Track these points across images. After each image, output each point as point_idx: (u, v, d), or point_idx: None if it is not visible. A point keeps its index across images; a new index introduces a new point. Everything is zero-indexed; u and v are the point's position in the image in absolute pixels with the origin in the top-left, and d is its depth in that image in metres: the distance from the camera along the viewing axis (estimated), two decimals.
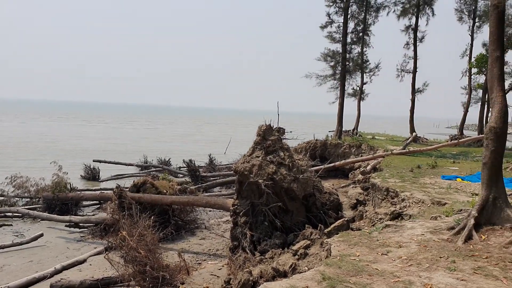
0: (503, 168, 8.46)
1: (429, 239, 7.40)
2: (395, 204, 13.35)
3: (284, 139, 13.12)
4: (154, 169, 28.97)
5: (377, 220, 13.02)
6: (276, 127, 12.72)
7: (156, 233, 11.47)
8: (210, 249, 13.92)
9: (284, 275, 8.84)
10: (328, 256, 7.11)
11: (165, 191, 16.03)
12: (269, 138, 12.14)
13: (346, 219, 11.47)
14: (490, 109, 7.86)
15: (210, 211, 18.65)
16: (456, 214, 9.07)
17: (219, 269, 11.81)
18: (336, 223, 10.92)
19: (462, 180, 15.19)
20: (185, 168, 26.80)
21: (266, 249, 10.69)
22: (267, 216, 11.39)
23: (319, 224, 11.07)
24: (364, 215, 14.17)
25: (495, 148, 7.44)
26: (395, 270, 5.99)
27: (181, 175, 26.99)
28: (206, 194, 20.94)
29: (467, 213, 7.81)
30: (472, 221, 7.30)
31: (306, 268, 8.48)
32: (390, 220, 12.48)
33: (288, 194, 11.88)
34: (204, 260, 12.96)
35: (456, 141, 26.54)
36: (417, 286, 5.45)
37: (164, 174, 20.67)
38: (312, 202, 12.74)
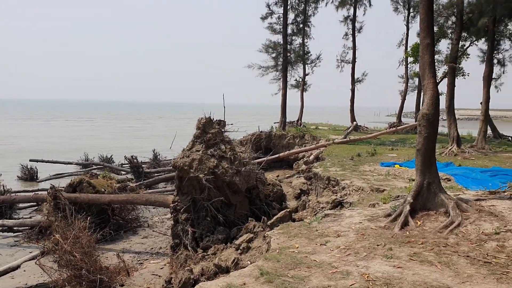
0: (436, 153, 8.66)
1: (366, 227, 7.44)
2: (336, 193, 13.49)
3: (226, 131, 12.88)
4: (96, 167, 27.83)
5: (319, 209, 13.11)
6: (216, 120, 12.46)
7: (94, 234, 10.90)
8: (152, 248, 13.50)
9: (226, 271, 8.64)
10: (268, 249, 6.97)
11: (103, 189, 15.36)
12: (210, 131, 11.86)
13: (288, 210, 11.42)
14: (422, 96, 8.00)
15: (153, 208, 18.12)
16: (393, 200, 9.22)
17: (161, 268, 11.44)
18: (279, 215, 10.85)
19: (400, 166, 15.61)
20: (128, 165, 25.93)
21: (209, 245, 10.45)
22: (209, 212, 11.14)
23: (263, 217, 10.96)
24: (307, 205, 14.24)
25: (428, 135, 7.58)
26: (333, 261, 5.94)
27: (123, 172, 26.09)
28: (150, 190, 20.33)
29: (403, 199, 7.94)
30: (407, 207, 7.42)
31: (248, 262, 8.33)
32: (332, 209, 12.60)
33: (230, 188, 11.68)
34: (146, 259, 12.53)
35: (394, 128, 27.42)
36: (354, 276, 5.41)
37: (105, 172, 19.84)
38: (256, 194, 12.62)
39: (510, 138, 27.60)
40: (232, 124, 13.64)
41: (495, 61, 23.06)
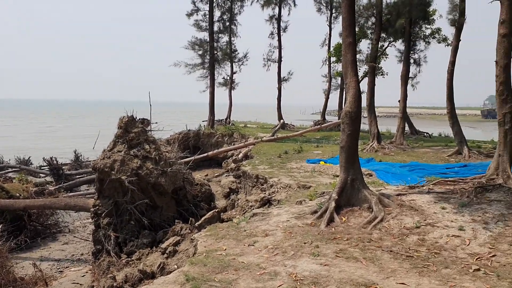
0: (358, 149, 8.87)
1: (294, 225, 7.44)
2: (264, 191, 13.53)
3: (150, 130, 12.43)
4: (11, 170, 25.80)
5: (248, 208, 13.06)
6: (140, 119, 11.97)
7: (7, 243, 10.02)
8: (73, 255, 12.70)
9: (152, 276, 8.29)
10: (195, 252, 6.74)
11: (18, 194, 14.24)
12: (132, 131, 11.35)
13: (217, 210, 11.25)
14: (345, 94, 8.15)
15: (75, 212, 17.10)
16: (319, 197, 9.35)
17: (82, 276, 10.78)
18: (207, 215, 10.63)
19: (325, 163, 15.99)
20: (47, 167, 24.30)
21: (133, 250, 10.00)
22: (133, 215, 10.66)
23: (191, 218, 10.69)
24: (236, 204, 14.16)
25: (351, 132, 7.73)
26: (261, 262, 5.84)
27: (43, 175, 24.39)
28: (71, 194, 19.17)
29: (329, 196, 8.04)
30: (333, 204, 7.51)
31: (175, 266, 8.05)
32: (261, 207, 12.61)
33: (156, 189, 11.27)
34: (67, 267, 11.76)
35: (319, 126, 28.16)
36: (282, 276, 5.34)
37: (21, 175, 18.47)
38: (183, 195, 12.30)
39: (425, 134, 29.35)
40: (157, 122, 13.19)
41: (412, 61, 24.36)
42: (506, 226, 6.41)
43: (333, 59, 32.88)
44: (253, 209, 12.88)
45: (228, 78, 37.44)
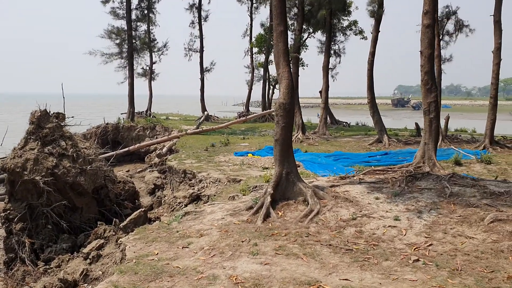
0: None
1: (229, 222, 7.11)
2: (193, 186, 13.07)
3: (66, 125, 11.41)
4: None
5: (176, 205, 12.54)
6: (54, 113, 10.93)
7: None
8: None
9: (74, 285, 7.56)
10: (124, 258, 6.18)
11: None
12: (46, 126, 10.33)
13: (143, 209, 10.58)
14: (278, 84, 7.92)
15: None
16: (252, 191, 9.10)
17: None
18: (133, 216, 9.95)
19: (253, 155, 15.84)
20: None
21: (52, 257, 9.12)
22: (50, 218, 9.73)
23: (114, 219, 9.95)
24: (162, 201, 13.54)
25: (286, 124, 7.53)
26: (198, 265, 5.45)
27: None
28: None
29: (263, 190, 7.81)
30: (268, 199, 7.29)
31: (100, 272, 7.41)
32: (190, 203, 12.15)
33: (74, 190, 10.37)
34: None
35: (244, 118, 28.04)
36: (222, 279, 5.00)
37: None
38: (105, 194, 11.48)
39: (344, 123, 30.37)
40: (73, 116, 12.16)
41: (332, 51, 24.95)
42: (439, 214, 6.57)
43: (255, 49, 32.86)
44: (182, 206, 12.39)
45: (148, 68, 36.23)
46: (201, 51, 34.93)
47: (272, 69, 34.97)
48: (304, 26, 22.26)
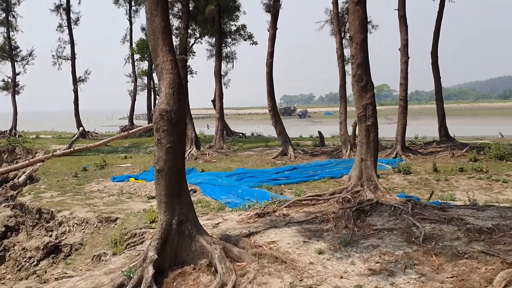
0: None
1: None
2: (51, 231, 9.60)
3: None
4: None
5: (25, 262, 8.95)
6: None
7: None
8: None
9: None
10: None
11: None
12: None
13: None
14: (158, 82, 5.01)
15: None
16: (128, 246, 6.06)
17: None
18: None
19: (135, 179, 12.68)
20: None
21: None
22: None
23: None
24: (7, 256, 9.78)
25: (172, 144, 4.68)
26: None
27: None
28: None
29: (143, 254, 4.85)
30: (150, 270, 4.38)
31: None
32: (44, 258, 8.72)
33: None
34: None
35: (126, 133, 24.45)
36: None
37: None
38: None
39: (241, 134, 28.12)
40: None
41: (224, 54, 22.53)
42: (421, 277, 4.17)
43: (136, 56, 29.29)
44: (34, 262, 8.85)
45: (11, 80, 30.91)
46: (73, 58, 30.31)
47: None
48: (190, 28, 19.50)
